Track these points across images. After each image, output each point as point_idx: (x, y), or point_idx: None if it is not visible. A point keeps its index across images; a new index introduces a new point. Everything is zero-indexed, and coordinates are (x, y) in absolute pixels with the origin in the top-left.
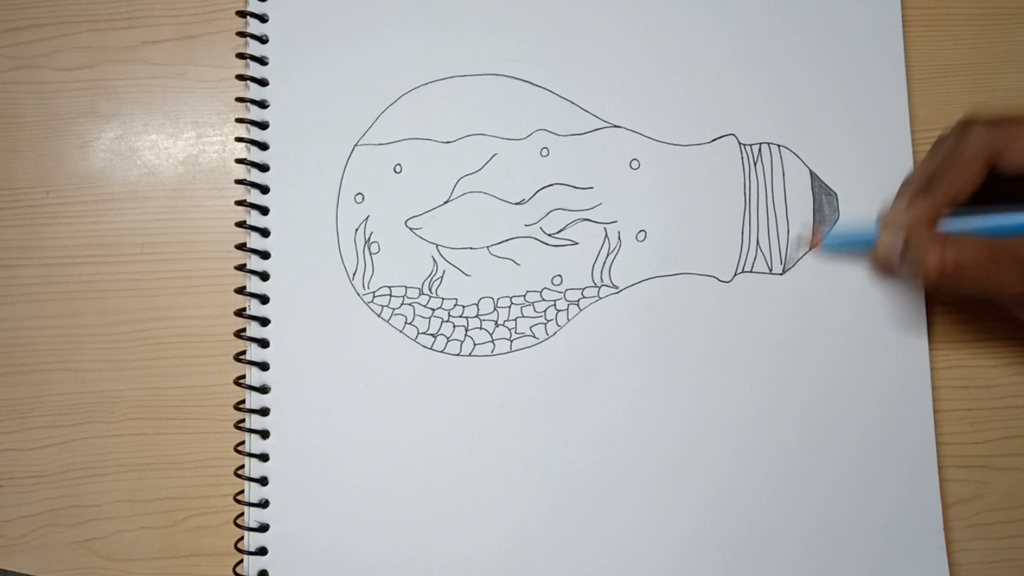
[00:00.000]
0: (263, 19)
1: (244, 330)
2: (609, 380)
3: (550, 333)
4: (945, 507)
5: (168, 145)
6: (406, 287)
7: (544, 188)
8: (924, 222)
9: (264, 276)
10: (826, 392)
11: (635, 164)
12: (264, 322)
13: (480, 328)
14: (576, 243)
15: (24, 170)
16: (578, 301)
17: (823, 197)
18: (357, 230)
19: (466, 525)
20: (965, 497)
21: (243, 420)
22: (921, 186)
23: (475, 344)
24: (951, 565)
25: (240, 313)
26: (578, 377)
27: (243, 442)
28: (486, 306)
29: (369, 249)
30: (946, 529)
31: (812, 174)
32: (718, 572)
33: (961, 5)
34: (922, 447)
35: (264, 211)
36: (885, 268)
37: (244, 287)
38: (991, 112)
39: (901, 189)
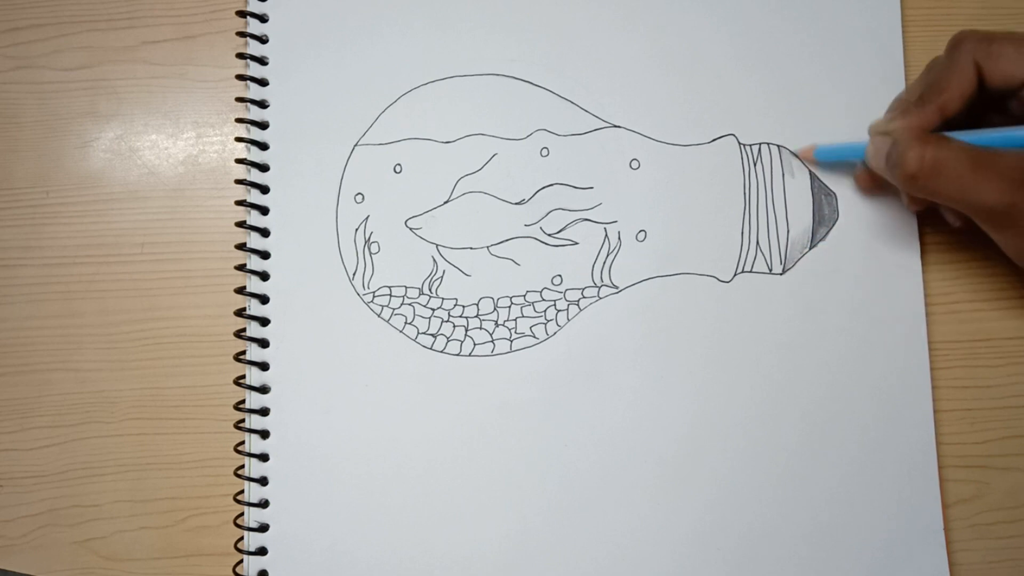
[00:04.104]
0: (263, 19)
1: (244, 330)
2: (609, 380)
3: (550, 333)
4: (945, 507)
5: (168, 145)
6: (406, 287)
7: (544, 188)
8: (913, 130)
9: (264, 276)
10: (826, 392)
11: (635, 164)
12: (264, 322)
13: (480, 328)
14: (576, 243)
15: (24, 170)
16: (578, 301)
17: (823, 197)
18: (357, 230)
19: (466, 525)
20: (965, 497)
21: (243, 420)
22: (913, 100)
23: (475, 344)
24: (951, 565)
25: (240, 313)
26: (578, 377)
27: (243, 442)
28: (486, 306)
29: (369, 249)
30: (946, 529)
31: (812, 174)
32: (718, 572)
33: (961, 5)
34: (922, 447)
35: (264, 211)
36: (872, 182)
37: (244, 287)
38: (983, 30)
39: (893, 104)
